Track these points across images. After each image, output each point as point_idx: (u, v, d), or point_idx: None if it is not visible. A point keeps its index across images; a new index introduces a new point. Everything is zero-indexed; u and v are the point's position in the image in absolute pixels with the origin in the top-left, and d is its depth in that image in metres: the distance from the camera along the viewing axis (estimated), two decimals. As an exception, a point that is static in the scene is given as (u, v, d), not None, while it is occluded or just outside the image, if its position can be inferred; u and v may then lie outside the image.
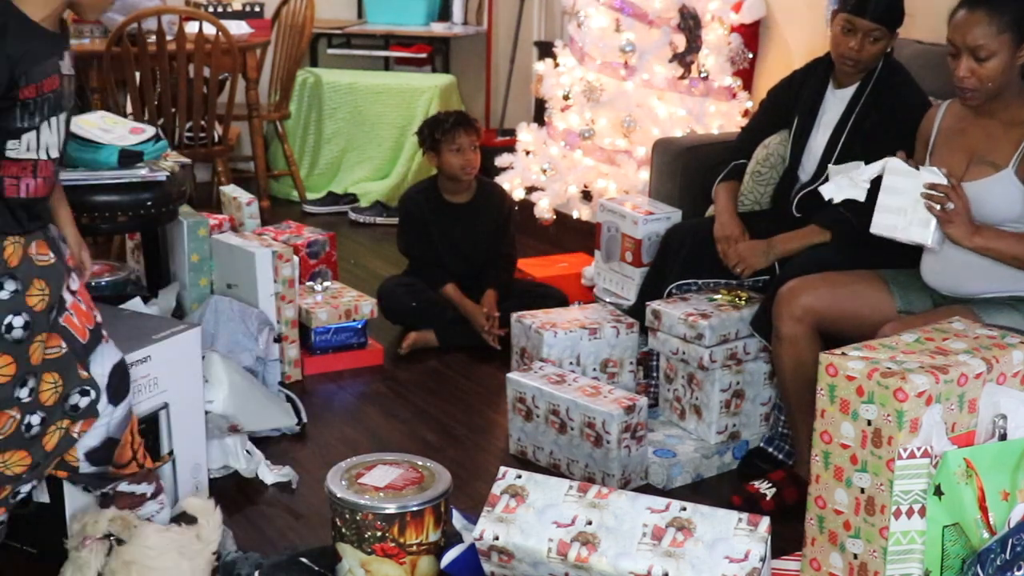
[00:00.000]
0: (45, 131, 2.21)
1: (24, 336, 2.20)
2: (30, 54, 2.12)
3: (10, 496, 2.30)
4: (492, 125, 6.32)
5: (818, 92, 3.33)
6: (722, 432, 3.29)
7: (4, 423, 2.18)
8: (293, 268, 3.72)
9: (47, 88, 2.18)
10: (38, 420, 2.23)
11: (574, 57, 4.77)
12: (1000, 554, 2.16)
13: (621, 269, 3.79)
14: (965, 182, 2.73)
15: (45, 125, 2.21)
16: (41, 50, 2.15)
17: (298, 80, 5.95)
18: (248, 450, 3.15)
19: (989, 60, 2.66)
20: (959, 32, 2.68)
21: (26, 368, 2.22)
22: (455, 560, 2.57)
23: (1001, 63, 2.66)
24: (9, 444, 2.20)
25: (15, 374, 2.20)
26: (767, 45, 4.90)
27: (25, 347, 2.21)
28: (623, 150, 4.59)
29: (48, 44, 2.18)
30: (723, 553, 2.28)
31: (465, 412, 3.64)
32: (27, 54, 2.11)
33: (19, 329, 2.19)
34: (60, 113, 2.24)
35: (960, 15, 2.69)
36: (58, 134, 2.25)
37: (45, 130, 2.21)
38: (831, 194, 2.85)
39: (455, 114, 4.27)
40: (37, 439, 2.24)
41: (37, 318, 2.22)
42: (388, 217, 5.58)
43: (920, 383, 2.22)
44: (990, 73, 2.67)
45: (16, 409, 2.21)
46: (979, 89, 2.70)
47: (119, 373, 2.41)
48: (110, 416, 2.41)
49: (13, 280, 2.20)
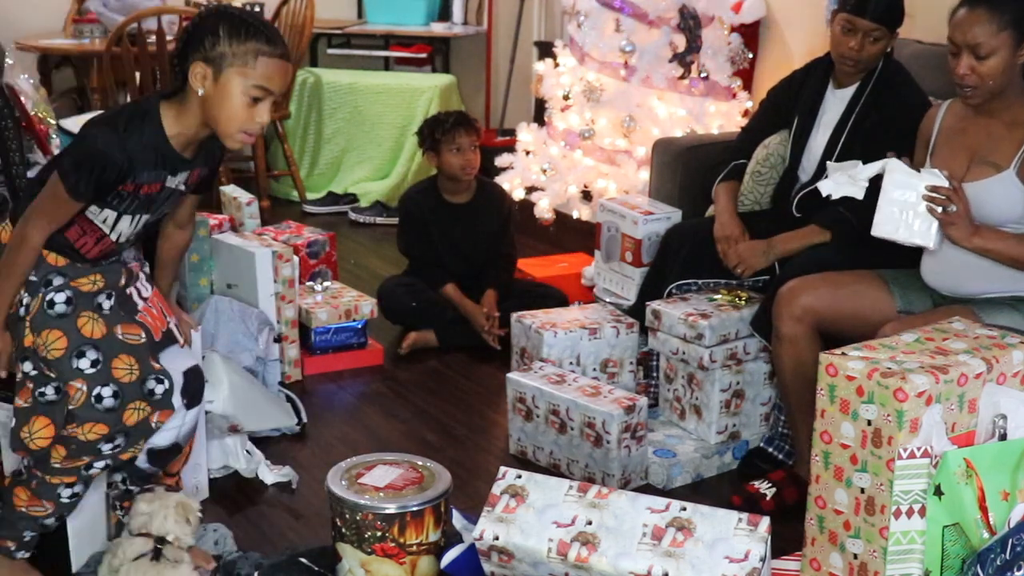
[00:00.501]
0: (125, 220, 2.43)
1: (67, 311, 2.37)
2: (144, 161, 2.34)
3: (83, 468, 2.39)
4: (492, 125, 6.32)
5: (818, 92, 3.33)
6: (722, 432, 3.29)
7: (74, 394, 2.33)
8: (293, 268, 3.72)
9: (143, 191, 2.39)
10: (110, 392, 2.34)
11: (574, 57, 4.77)
12: (1000, 554, 2.16)
13: (621, 269, 3.79)
14: (966, 182, 2.73)
15: (127, 216, 2.42)
16: (155, 160, 2.35)
17: (298, 80, 5.96)
18: (248, 450, 3.15)
19: (989, 58, 2.66)
20: (959, 30, 2.68)
21: (79, 340, 2.35)
22: (455, 560, 2.57)
23: (1001, 61, 2.66)
24: (83, 415, 2.32)
25: (67, 347, 2.35)
26: (767, 45, 4.90)
27: (72, 320, 2.36)
28: (623, 150, 4.59)
29: (165, 160, 2.37)
30: (723, 553, 2.28)
31: (465, 412, 3.64)
32: (141, 159, 2.33)
33: (61, 304, 2.38)
34: (145, 214, 2.45)
35: (961, 13, 2.69)
36: (134, 228, 2.46)
37: (125, 220, 2.42)
38: (829, 191, 2.84)
39: (455, 114, 4.27)
40: (114, 412, 2.34)
41: (82, 297, 2.40)
42: (388, 217, 5.58)
43: (920, 383, 2.22)
44: (990, 71, 2.67)
45: (81, 380, 2.33)
46: (979, 87, 2.69)
47: (194, 376, 2.54)
48: (182, 420, 2.53)
49: (61, 276, 2.41)
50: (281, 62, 2.32)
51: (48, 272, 2.40)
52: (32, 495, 2.41)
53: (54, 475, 2.39)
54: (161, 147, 2.35)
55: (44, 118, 3.77)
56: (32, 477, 2.41)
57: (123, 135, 2.30)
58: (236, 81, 2.28)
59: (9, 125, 3.36)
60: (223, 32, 2.28)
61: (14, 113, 3.43)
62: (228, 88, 2.29)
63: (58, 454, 2.37)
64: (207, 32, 2.29)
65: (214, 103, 2.31)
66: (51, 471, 2.38)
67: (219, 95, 2.30)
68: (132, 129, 2.31)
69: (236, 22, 2.29)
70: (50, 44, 5.30)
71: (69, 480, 2.41)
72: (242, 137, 2.36)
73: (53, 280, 2.39)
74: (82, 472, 2.41)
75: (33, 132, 3.64)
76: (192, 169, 2.44)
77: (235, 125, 2.33)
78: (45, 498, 2.41)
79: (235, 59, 2.27)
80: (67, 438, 2.35)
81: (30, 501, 2.41)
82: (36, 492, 2.41)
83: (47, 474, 2.39)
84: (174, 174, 2.41)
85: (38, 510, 2.42)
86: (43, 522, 2.45)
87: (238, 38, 2.28)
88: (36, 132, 3.70)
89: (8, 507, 2.44)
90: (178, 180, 2.43)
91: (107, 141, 2.30)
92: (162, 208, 2.49)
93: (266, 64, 2.29)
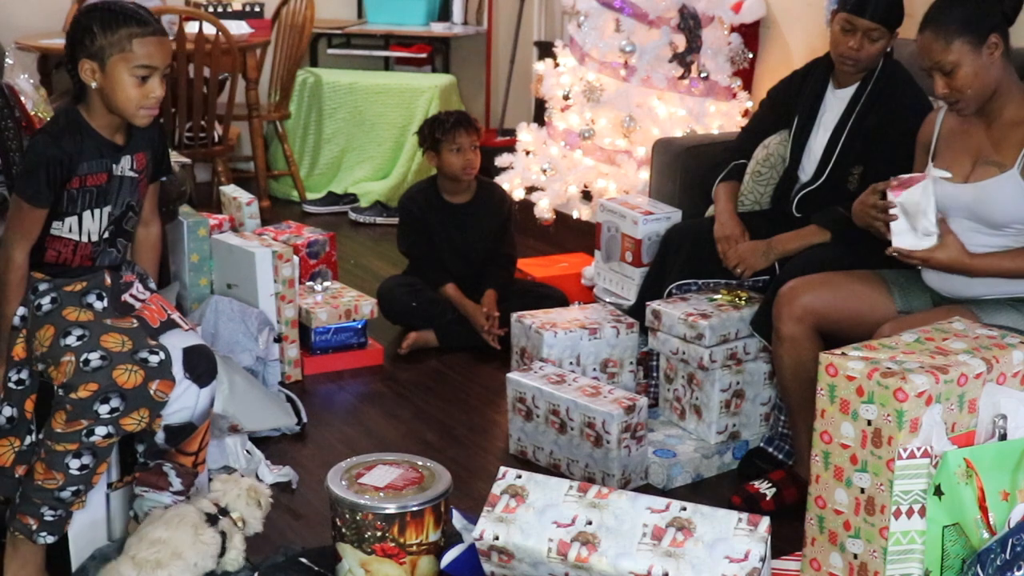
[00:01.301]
0: (87, 218, 2.57)
1: (53, 308, 2.53)
2: (83, 152, 2.51)
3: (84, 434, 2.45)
4: (492, 125, 6.32)
5: (818, 92, 3.33)
6: (722, 432, 3.29)
7: (65, 367, 2.46)
8: (293, 268, 3.72)
9: (90, 183, 2.54)
10: (96, 356, 2.45)
11: (574, 57, 4.77)
12: (1000, 554, 2.16)
13: (621, 269, 3.79)
14: (971, 183, 2.73)
15: (88, 214, 2.57)
16: (92, 151, 2.53)
17: (298, 80, 5.95)
18: (248, 450, 3.15)
19: (956, 70, 2.68)
20: (920, 56, 2.73)
21: (65, 324, 2.50)
22: (455, 560, 2.57)
23: (971, 68, 2.67)
24: (77, 379, 2.44)
25: (55, 332, 2.49)
26: (767, 45, 4.90)
27: (58, 312, 2.52)
28: (623, 150, 4.59)
29: (100, 147, 2.54)
30: (723, 553, 2.28)
31: (465, 412, 3.64)
32: (79, 151, 2.51)
33: (47, 304, 2.54)
34: (104, 206, 2.58)
35: (918, 41, 2.74)
36: (100, 223, 2.59)
37: (87, 217, 2.57)
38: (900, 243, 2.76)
39: (455, 114, 4.27)
40: (102, 371, 2.44)
41: (67, 296, 2.55)
42: (388, 217, 5.58)
43: (920, 383, 2.22)
44: (964, 81, 2.68)
45: (69, 353, 2.46)
46: (962, 99, 2.71)
47: (198, 354, 2.63)
48: (196, 398, 2.62)
49: (45, 283, 2.56)
50: (156, 38, 2.50)
51: (34, 283, 2.56)
52: (45, 467, 2.49)
53: (58, 441, 2.46)
54: (93, 138, 2.54)
55: (44, 118, 3.76)
56: (43, 447, 2.49)
57: (58, 138, 2.51)
58: (120, 67, 2.47)
59: (9, 125, 3.36)
60: (96, 27, 2.47)
61: (14, 113, 3.43)
62: (115, 75, 2.48)
63: (60, 419, 2.44)
64: (84, 31, 2.48)
65: (108, 92, 2.50)
66: (55, 437, 2.46)
67: (110, 84, 2.49)
68: (62, 130, 2.53)
69: (106, 15, 2.48)
70: (50, 44, 5.30)
71: (72, 447, 2.46)
72: (144, 113, 2.52)
73: (39, 287, 2.56)
74: (84, 439, 2.46)
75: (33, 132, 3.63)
76: (133, 153, 2.61)
77: (133, 105, 2.50)
78: (55, 469, 2.48)
79: (113, 48, 2.47)
80: (65, 400, 2.44)
81: (44, 474, 2.49)
82: (47, 463, 2.48)
83: (52, 441, 2.46)
84: (116, 161, 2.58)
85: (50, 482, 2.49)
86: (57, 495, 2.50)
87: (111, 28, 2.47)
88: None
89: (28, 481, 2.52)
90: (123, 166, 2.59)
91: (44, 144, 2.51)
92: (122, 198, 2.61)
93: (142, 44, 2.47)
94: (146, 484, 2.67)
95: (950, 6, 2.69)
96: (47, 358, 2.50)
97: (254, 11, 5.95)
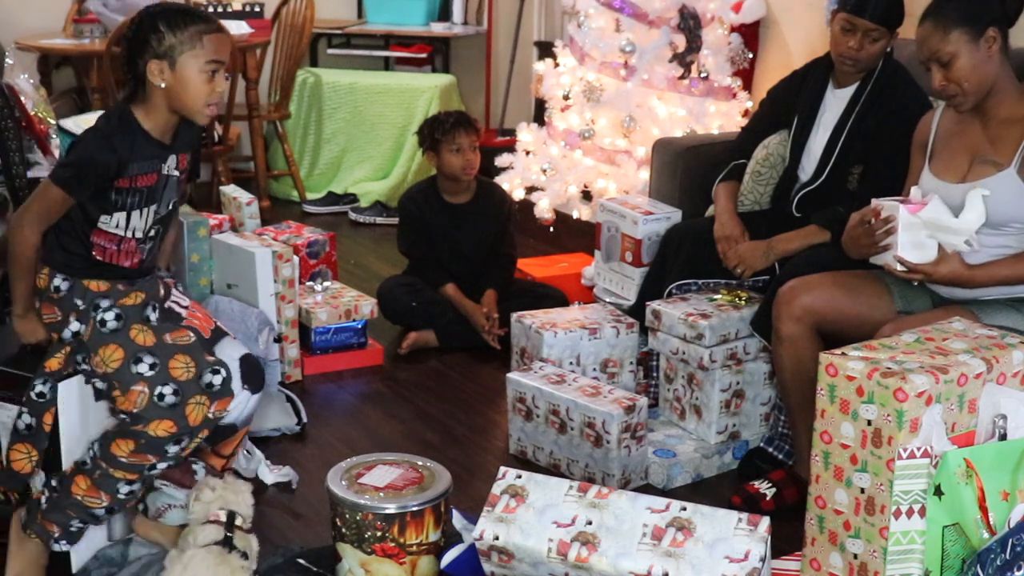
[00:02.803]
0: (135, 216, 2.61)
1: (119, 326, 2.58)
2: (133, 153, 2.55)
3: (147, 468, 2.53)
4: (492, 125, 6.32)
5: (818, 92, 3.33)
6: (722, 432, 3.29)
7: (136, 397, 2.51)
8: (293, 268, 3.72)
9: (140, 183, 2.58)
10: (170, 391, 2.51)
11: (574, 57, 4.77)
12: (1000, 554, 2.16)
13: (621, 269, 3.79)
14: (968, 182, 2.73)
15: (136, 212, 2.61)
16: (143, 152, 2.57)
17: (298, 80, 5.96)
18: (248, 450, 3.15)
19: (954, 62, 2.68)
20: (919, 48, 2.74)
21: (134, 348, 2.55)
22: (455, 560, 2.57)
23: (967, 60, 2.68)
24: (150, 412, 2.50)
25: (124, 356, 2.53)
26: (767, 45, 4.90)
27: (125, 332, 2.57)
28: (623, 150, 4.59)
29: (151, 149, 2.58)
30: (723, 553, 2.28)
31: (465, 412, 3.64)
32: (130, 153, 2.54)
33: (112, 321, 2.58)
34: (151, 205, 2.63)
35: (917, 34, 2.74)
36: (146, 221, 2.63)
37: (135, 215, 2.61)
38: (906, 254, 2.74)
39: (455, 114, 4.27)
40: (177, 408, 2.51)
41: (130, 311, 2.60)
42: (388, 217, 5.58)
43: (920, 383, 2.22)
44: (962, 73, 2.69)
45: (141, 383, 2.51)
46: (960, 93, 2.71)
47: (249, 363, 2.72)
48: (245, 404, 2.70)
49: (106, 299, 2.61)
50: (221, 34, 2.59)
51: (94, 298, 2.60)
52: (92, 485, 2.52)
53: (118, 468, 2.50)
54: (145, 138, 2.58)
55: (44, 118, 3.76)
56: (96, 467, 2.52)
57: (110, 138, 2.54)
58: (191, 64, 2.54)
59: (9, 125, 3.37)
60: (164, 28, 2.54)
61: (14, 113, 3.43)
62: (186, 72, 2.54)
63: (126, 447, 2.49)
64: (149, 33, 2.54)
65: (178, 90, 2.55)
66: (115, 463, 2.50)
67: (180, 82, 2.54)
68: (115, 131, 2.56)
69: (171, 15, 2.55)
70: (50, 44, 5.30)
71: (131, 477, 2.52)
72: (209, 110, 2.60)
73: (100, 304, 2.59)
74: (145, 472, 2.53)
75: (33, 132, 3.63)
76: (178, 153, 2.66)
77: (201, 101, 2.57)
78: (104, 490, 2.52)
79: (184, 46, 2.53)
80: (137, 432, 2.48)
81: (88, 491, 2.52)
82: (97, 483, 2.51)
83: (112, 467, 2.50)
84: (164, 161, 2.62)
85: (93, 501, 2.52)
86: (94, 512, 2.54)
87: (180, 27, 2.54)
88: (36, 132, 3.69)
89: (64, 492, 2.53)
90: (170, 166, 2.64)
91: (97, 146, 2.54)
92: (167, 197, 2.66)
93: (211, 40, 2.55)
94: (170, 479, 2.70)
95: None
96: (113, 380, 2.54)
97: (254, 11, 5.95)
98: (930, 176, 2.82)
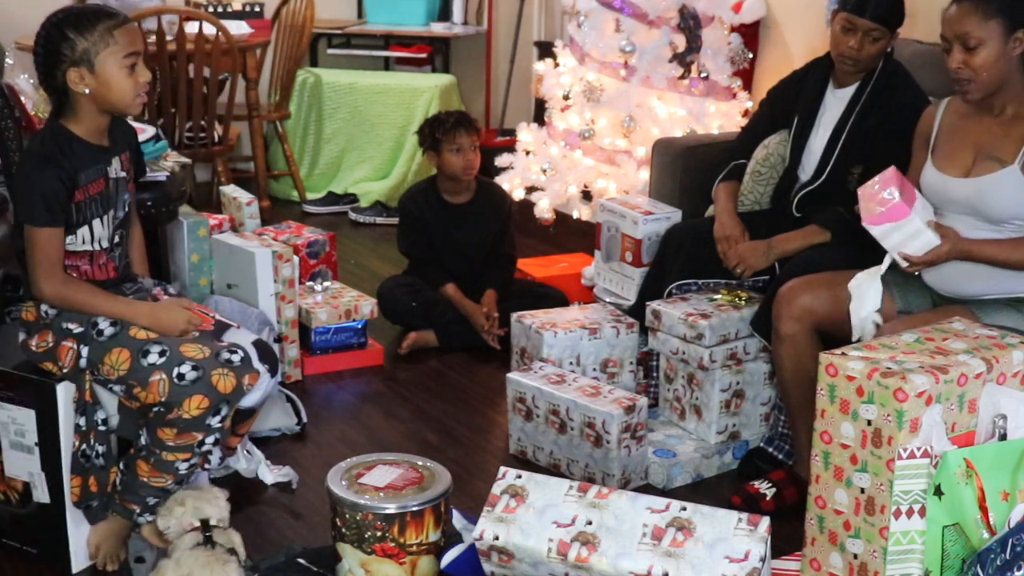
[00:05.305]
0: (96, 225, 2.60)
1: (117, 330, 2.57)
2: (78, 162, 2.53)
3: (196, 445, 2.57)
4: (492, 125, 6.32)
5: (818, 92, 3.33)
6: (722, 432, 3.29)
7: (157, 386, 2.51)
8: (293, 268, 3.72)
9: (92, 191, 2.57)
10: (189, 367, 2.52)
11: (574, 57, 4.77)
12: (1000, 554, 2.16)
13: (621, 269, 3.79)
14: (971, 178, 2.73)
15: (97, 221, 2.60)
16: (86, 159, 2.55)
17: (298, 80, 5.95)
18: (248, 450, 3.15)
19: (979, 49, 2.67)
20: (948, 24, 2.71)
21: (139, 344, 2.55)
22: (455, 560, 2.57)
23: (992, 51, 2.67)
24: (177, 395, 2.51)
25: (132, 354, 2.54)
26: (767, 45, 4.90)
27: (124, 333, 2.57)
28: (623, 150, 4.59)
29: (92, 154, 2.57)
30: (723, 553, 2.29)
31: (465, 412, 3.64)
32: (74, 162, 2.53)
33: (109, 328, 2.58)
34: (109, 211, 2.62)
35: (951, 10, 2.72)
36: (108, 228, 2.63)
37: (96, 224, 2.60)
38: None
39: (455, 114, 4.26)
40: (201, 381, 2.52)
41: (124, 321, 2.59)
42: (388, 217, 5.58)
43: (920, 383, 2.22)
44: (982, 62, 2.67)
45: (157, 372, 2.52)
46: (974, 80, 2.70)
47: (262, 346, 2.76)
48: (266, 384, 2.75)
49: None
50: (130, 25, 2.55)
51: (89, 316, 2.59)
52: (152, 468, 2.57)
53: (169, 452, 2.55)
54: (85, 147, 2.57)
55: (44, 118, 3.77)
56: (151, 453, 2.56)
57: (50, 156, 2.51)
58: (110, 62, 2.51)
59: (9, 125, 3.37)
60: (73, 34, 2.49)
61: (14, 113, 3.44)
62: (107, 71, 2.51)
63: (170, 432, 2.52)
64: (60, 42, 2.49)
65: (103, 91, 2.53)
66: (165, 447, 2.55)
67: (103, 83, 2.52)
68: (52, 148, 2.53)
69: (77, 19, 2.50)
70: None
71: (184, 456, 2.57)
72: (139, 101, 2.57)
73: (98, 321, 2.58)
74: (195, 449, 2.57)
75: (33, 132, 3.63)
76: (119, 155, 2.66)
77: (129, 96, 2.55)
78: (164, 472, 2.58)
79: (98, 46, 2.50)
80: (174, 420, 2.52)
81: (151, 472, 2.58)
82: (155, 466, 2.57)
83: (164, 451, 2.55)
84: (109, 164, 2.62)
85: (159, 480, 2.59)
86: (165, 488, 2.60)
87: (89, 29, 2.50)
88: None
89: (131, 474, 2.60)
90: (115, 168, 2.64)
91: (41, 169, 2.50)
92: (120, 199, 2.67)
93: (122, 33, 2.52)
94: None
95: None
96: (129, 380, 2.54)
97: (254, 11, 5.95)
98: (933, 169, 2.82)
